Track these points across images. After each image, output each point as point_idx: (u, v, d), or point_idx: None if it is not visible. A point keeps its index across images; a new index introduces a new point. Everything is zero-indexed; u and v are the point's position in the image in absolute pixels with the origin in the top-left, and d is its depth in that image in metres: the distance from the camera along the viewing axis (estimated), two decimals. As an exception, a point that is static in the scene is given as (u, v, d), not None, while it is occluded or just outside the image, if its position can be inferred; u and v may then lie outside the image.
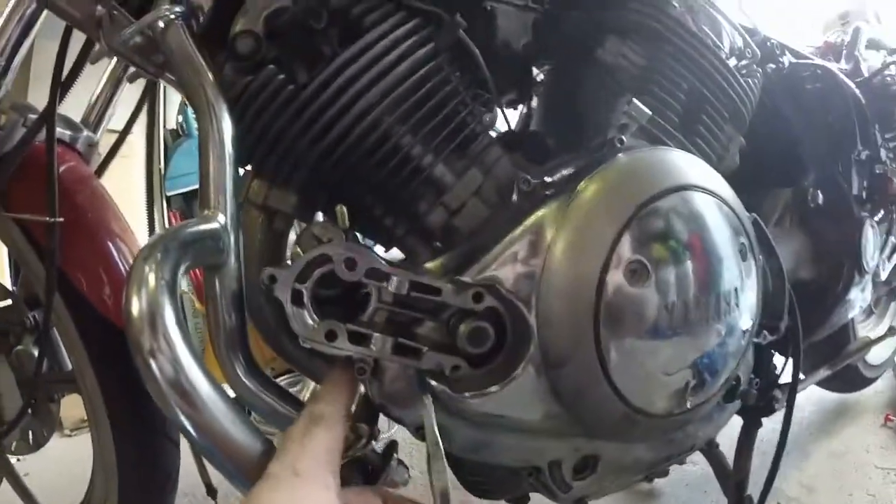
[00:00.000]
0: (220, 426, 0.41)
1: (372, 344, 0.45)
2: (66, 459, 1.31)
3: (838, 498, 1.07)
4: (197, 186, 0.50)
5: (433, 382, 0.47)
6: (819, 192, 0.85)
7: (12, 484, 0.91)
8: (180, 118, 2.16)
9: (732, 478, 0.89)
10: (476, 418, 0.48)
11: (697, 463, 1.13)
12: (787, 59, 0.88)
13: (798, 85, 0.88)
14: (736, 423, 0.85)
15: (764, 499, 0.81)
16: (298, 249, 0.47)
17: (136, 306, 0.38)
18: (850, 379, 1.33)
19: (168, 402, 0.39)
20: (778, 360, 0.82)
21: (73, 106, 0.86)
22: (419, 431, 0.50)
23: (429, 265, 0.49)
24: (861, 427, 1.36)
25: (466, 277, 0.46)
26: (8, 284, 0.90)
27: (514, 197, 0.50)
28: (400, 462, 0.51)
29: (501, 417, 0.49)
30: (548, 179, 0.50)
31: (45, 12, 0.69)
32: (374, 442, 0.49)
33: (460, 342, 0.46)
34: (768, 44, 0.86)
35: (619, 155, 0.52)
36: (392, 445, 0.51)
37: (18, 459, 1.19)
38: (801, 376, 0.84)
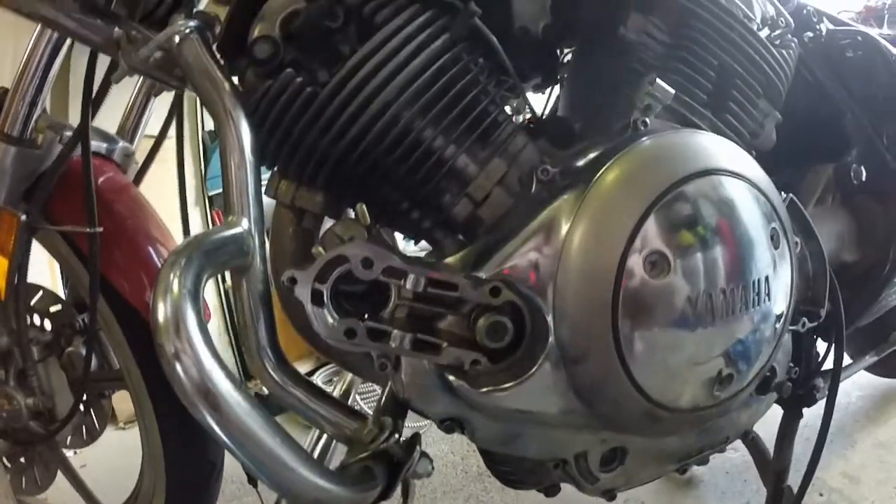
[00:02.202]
0: (242, 423, 0.43)
1: (391, 340, 0.45)
2: (120, 451, 1.38)
3: (883, 491, 1.02)
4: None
5: (452, 378, 0.47)
6: (862, 168, 0.80)
7: (67, 476, 0.97)
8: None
9: (772, 467, 0.87)
10: (497, 413, 0.49)
11: (739, 450, 1.10)
12: (824, 26, 0.83)
13: (837, 53, 0.83)
14: (779, 409, 0.82)
15: (804, 490, 0.79)
16: (321, 249, 0.48)
17: (162, 313, 0.41)
18: (899, 364, 1.26)
19: (193, 402, 0.42)
20: (821, 346, 0.79)
21: (108, 117, 0.89)
22: (443, 424, 0.51)
23: (449, 260, 0.49)
24: (910, 416, 1.29)
25: (483, 273, 0.46)
26: (60, 293, 0.96)
27: (534, 187, 0.50)
28: (423, 454, 0.52)
29: (521, 412, 0.49)
30: (567, 168, 0.50)
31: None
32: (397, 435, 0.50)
33: (479, 336, 0.46)
34: (804, 11, 0.81)
35: (640, 140, 0.50)
36: (415, 437, 0.52)
37: (75, 452, 1.27)
38: (847, 362, 0.80)
